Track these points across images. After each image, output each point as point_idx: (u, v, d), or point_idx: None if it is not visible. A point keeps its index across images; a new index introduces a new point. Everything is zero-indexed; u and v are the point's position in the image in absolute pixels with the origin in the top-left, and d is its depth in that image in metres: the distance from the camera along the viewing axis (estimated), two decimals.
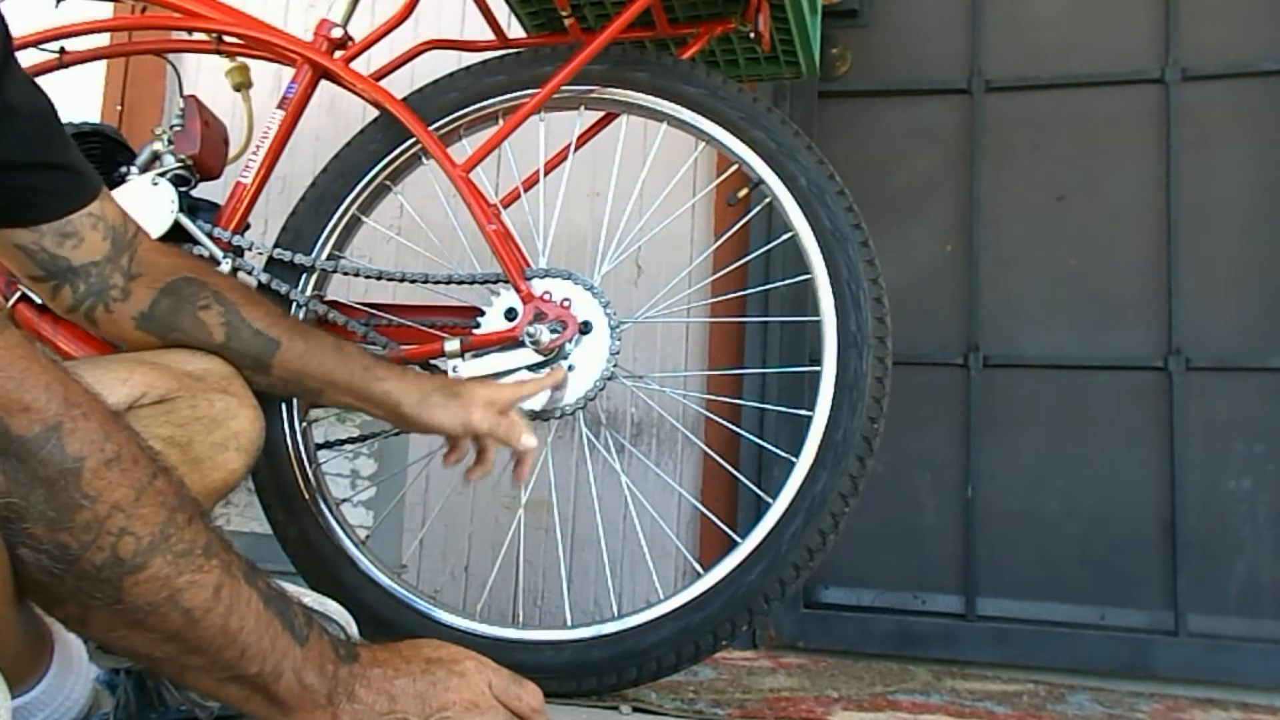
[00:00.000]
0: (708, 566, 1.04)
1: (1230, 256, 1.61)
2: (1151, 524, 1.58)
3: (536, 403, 1.02)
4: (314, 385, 0.87)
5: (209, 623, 0.52)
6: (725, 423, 1.56)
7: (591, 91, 1.13)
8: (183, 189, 1.16)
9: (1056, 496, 1.63)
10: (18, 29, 0.78)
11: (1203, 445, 1.58)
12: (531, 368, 1.05)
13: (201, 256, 1.09)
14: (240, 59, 1.25)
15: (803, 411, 1.05)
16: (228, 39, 1.21)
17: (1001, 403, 1.66)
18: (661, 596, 1.04)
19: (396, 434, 1.24)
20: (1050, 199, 1.70)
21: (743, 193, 1.21)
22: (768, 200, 1.10)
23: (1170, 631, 1.54)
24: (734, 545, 1.03)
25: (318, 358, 0.85)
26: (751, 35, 1.16)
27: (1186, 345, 1.60)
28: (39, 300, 1.13)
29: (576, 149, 1.17)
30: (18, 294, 1.14)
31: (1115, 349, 1.63)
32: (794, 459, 1.03)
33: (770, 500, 1.03)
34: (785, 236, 1.10)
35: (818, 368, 1.04)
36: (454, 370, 1.05)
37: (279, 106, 1.18)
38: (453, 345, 1.05)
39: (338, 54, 1.21)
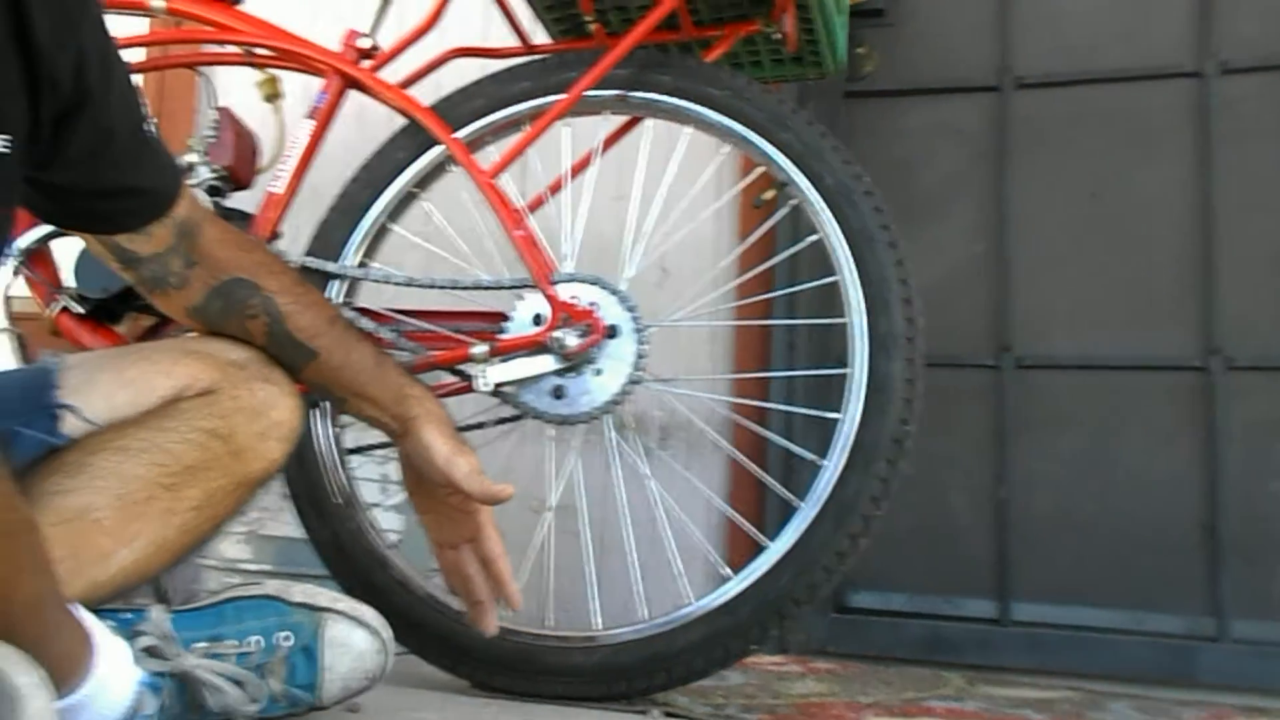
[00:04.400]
0: (737, 570, 1.03)
1: (1272, 253, 1.57)
2: (1192, 527, 1.55)
3: (569, 408, 1.03)
4: (340, 394, 0.88)
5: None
6: (753, 425, 1.55)
7: (617, 95, 1.13)
8: (216, 199, 1.19)
9: (1092, 499, 1.60)
10: None
11: (1244, 447, 1.54)
12: (558, 372, 1.05)
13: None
14: (270, 71, 1.27)
15: (831, 414, 1.04)
16: (258, 51, 1.23)
17: (1035, 404, 1.64)
18: (690, 600, 1.04)
19: None
20: (1083, 196, 1.67)
21: (769, 194, 1.21)
22: (794, 202, 1.09)
23: (1212, 637, 1.50)
24: (763, 549, 1.03)
25: (351, 373, 0.87)
26: (777, 36, 1.16)
27: (1227, 345, 1.56)
28: (80, 311, 1.16)
29: (602, 153, 1.18)
30: (60, 304, 1.16)
31: (1153, 349, 1.60)
32: (823, 462, 1.02)
33: (799, 503, 1.02)
34: (812, 238, 1.09)
35: (846, 370, 1.04)
36: (482, 374, 1.05)
37: (308, 116, 1.20)
38: (480, 350, 1.06)
39: (365, 63, 1.22)
